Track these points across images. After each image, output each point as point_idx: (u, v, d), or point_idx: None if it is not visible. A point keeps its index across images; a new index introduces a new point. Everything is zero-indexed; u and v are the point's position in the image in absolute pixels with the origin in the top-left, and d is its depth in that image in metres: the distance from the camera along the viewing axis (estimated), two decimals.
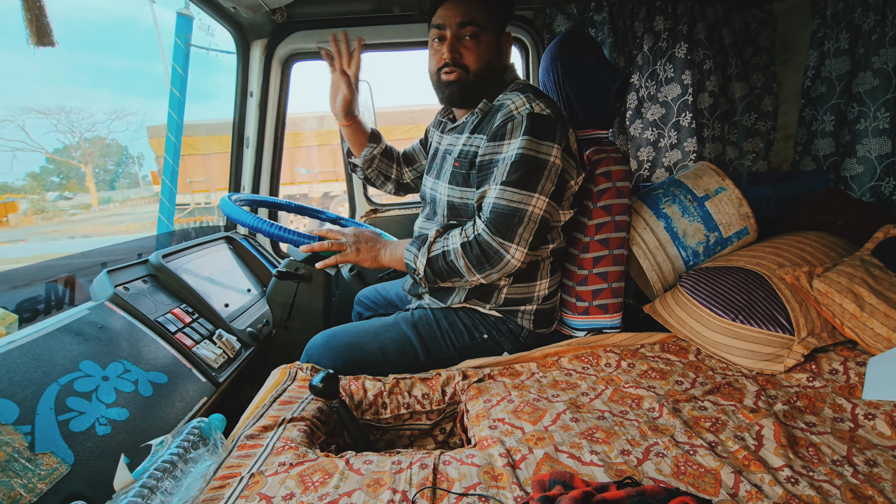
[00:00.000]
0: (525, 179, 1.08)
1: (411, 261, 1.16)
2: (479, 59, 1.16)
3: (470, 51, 1.16)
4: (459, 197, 1.21)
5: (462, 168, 1.19)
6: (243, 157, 1.99)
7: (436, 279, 1.16)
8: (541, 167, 1.09)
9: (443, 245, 1.13)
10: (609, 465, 0.80)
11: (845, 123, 1.72)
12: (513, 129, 1.10)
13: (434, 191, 1.30)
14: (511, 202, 1.08)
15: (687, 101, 1.92)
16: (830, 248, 1.31)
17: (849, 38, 1.67)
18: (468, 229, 1.12)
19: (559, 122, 1.12)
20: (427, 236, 1.16)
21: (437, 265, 1.13)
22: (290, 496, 0.74)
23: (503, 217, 1.08)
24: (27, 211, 12.79)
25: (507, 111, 1.12)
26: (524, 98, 1.12)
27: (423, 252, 1.14)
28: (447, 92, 1.21)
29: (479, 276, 1.12)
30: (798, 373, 1.07)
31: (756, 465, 0.77)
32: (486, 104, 1.20)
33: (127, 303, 1.16)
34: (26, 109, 14.34)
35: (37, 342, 0.92)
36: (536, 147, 1.08)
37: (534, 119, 1.09)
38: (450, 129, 1.30)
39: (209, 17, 1.69)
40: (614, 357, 1.20)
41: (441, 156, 1.31)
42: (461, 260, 1.10)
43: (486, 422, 0.95)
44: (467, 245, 1.10)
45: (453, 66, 1.17)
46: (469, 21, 1.14)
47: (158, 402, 1.01)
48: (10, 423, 0.76)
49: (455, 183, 1.21)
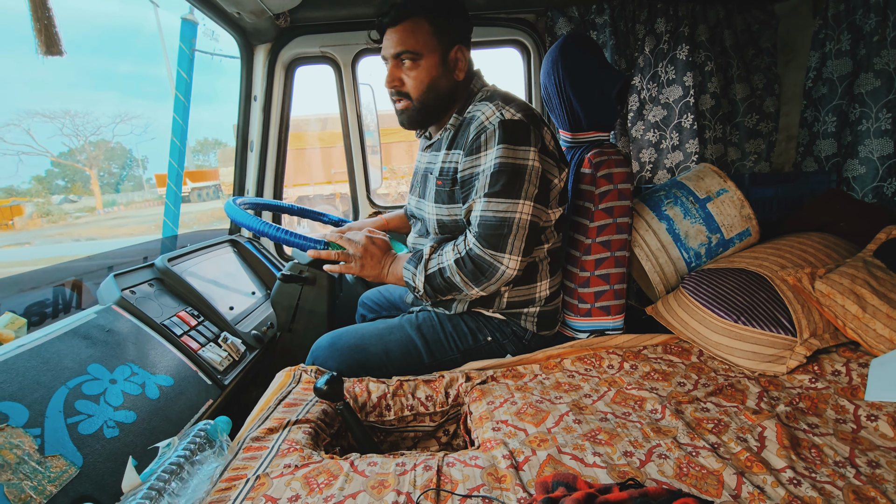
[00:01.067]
0: (507, 188, 1.08)
1: (410, 279, 1.17)
2: (420, 85, 1.16)
3: (409, 78, 1.16)
4: (447, 214, 1.21)
5: (445, 186, 1.19)
6: (247, 160, 2.00)
7: (436, 295, 1.17)
8: (521, 173, 1.09)
9: (438, 262, 1.14)
10: (612, 467, 0.80)
11: (847, 124, 1.72)
12: (487, 140, 1.10)
13: (420, 210, 1.31)
14: (497, 213, 1.08)
15: (688, 102, 1.92)
16: (833, 250, 1.31)
17: (850, 39, 1.67)
18: (460, 245, 1.13)
19: (532, 123, 1.11)
20: (423, 253, 1.17)
21: (435, 282, 1.14)
22: (295, 498, 0.75)
23: (492, 228, 1.08)
24: (33, 214, 12.89)
25: (479, 123, 1.12)
26: (493, 107, 1.12)
27: (420, 270, 1.15)
28: (399, 119, 1.24)
29: (477, 289, 1.13)
30: (800, 374, 1.07)
31: (759, 466, 0.77)
32: (457, 118, 1.20)
33: (133, 306, 1.18)
34: (32, 113, 14.47)
35: (45, 346, 0.94)
36: (513, 154, 1.08)
37: (506, 126, 1.08)
38: (427, 147, 1.31)
39: (213, 23, 1.71)
40: (617, 359, 1.20)
41: (423, 174, 1.31)
42: (457, 276, 1.11)
43: (489, 423, 0.96)
44: (461, 261, 1.11)
45: (397, 96, 1.19)
46: (402, 51, 1.13)
47: (165, 405, 1.02)
48: (21, 426, 0.77)
49: (441, 201, 1.21)
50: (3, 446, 0.72)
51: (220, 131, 21.10)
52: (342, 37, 1.95)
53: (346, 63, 2.00)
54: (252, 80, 1.94)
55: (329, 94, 2.09)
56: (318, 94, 2.69)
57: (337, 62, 2.00)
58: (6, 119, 14.10)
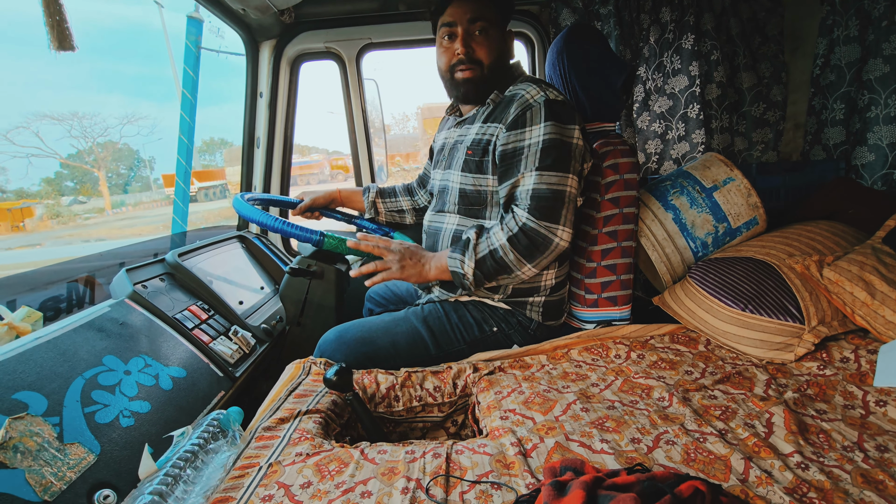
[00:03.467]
0: (559, 162, 1.12)
1: (458, 267, 1.16)
2: (491, 54, 1.20)
3: (482, 46, 1.20)
4: (472, 184, 1.23)
5: (475, 155, 1.22)
6: (254, 157, 2.02)
7: (484, 280, 1.17)
8: (568, 148, 1.14)
9: (487, 244, 1.14)
10: (620, 453, 0.81)
11: (856, 111, 1.70)
12: (532, 116, 1.13)
13: (445, 180, 1.33)
14: (551, 185, 1.11)
15: (694, 92, 1.90)
16: (841, 237, 1.30)
17: (858, 24, 1.65)
18: (509, 223, 1.14)
19: (573, 107, 1.18)
20: (468, 239, 1.17)
21: (486, 265, 1.14)
22: (307, 484, 0.76)
23: (546, 201, 1.11)
24: (43, 216, 13.05)
25: (523, 100, 1.15)
26: (537, 87, 1.17)
27: (470, 255, 1.14)
28: (463, 90, 1.24)
29: (529, 265, 1.14)
30: (808, 361, 1.07)
31: (766, 451, 0.78)
32: (498, 95, 1.24)
33: (145, 300, 1.19)
34: (40, 116, 14.62)
35: (62, 338, 0.96)
36: (562, 130, 1.13)
37: (552, 105, 1.13)
38: (459, 122, 1.33)
39: (219, 20, 1.72)
40: (624, 348, 1.21)
41: (451, 148, 1.33)
42: (511, 254, 1.12)
43: (497, 413, 0.97)
44: (514, 238, 1.12)
45: (468, 63, 1.20)
46: (479, 17, 1.18)
47: (178, 396, 1.04)
48: (40, 415, 0.79)
49: (468, 170, 1.23)
50: (24, 434, 0.74)
51: (225, 131, 21.37)
52: (346, 32, 1.95)
53: (350, 58, 2.01)
54: (258, 76, 1.95)
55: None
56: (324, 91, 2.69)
57: (342, 57, 2.01)
58: (15, 122, 14.26)
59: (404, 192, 1.66)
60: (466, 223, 1.26)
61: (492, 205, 1.23)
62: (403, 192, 1.66)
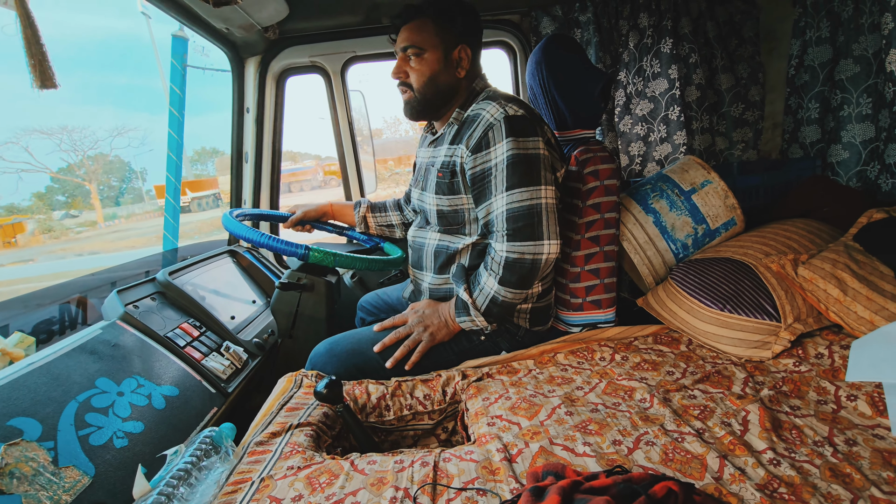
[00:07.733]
0: (527, 177, 1.14)
1: (472, 325, 1.23)
2: (421, 77, 1.24)
3: (412, 70, 1.25)
4: (448, 205, 1.26)
5: (445, 178, 1.25)
6: (243, 172, 2.04)
7: (504, 316, 1.27)
8: (534, 161, 1.15)
9: (484, 296, 1.19)
10: (601, 456, 0.83)
11: (830, 110, 1.75)
12: (494, 136, 1.15)
13: (422, 202, 1.36)
14: (523, 202, 1.13)
15: (674, 95, 1.94)
16: (816, 235, 1.34)
17: (829, 26, 1.70)
18: (492, 264, 1.18)
19: (533, 119, 1.19)
20: (464, 301, 1.21)
21: (493, 313, 1.21)
22: (298, 498, 0.78)
23: (522, 220, 1.13)
24: (34, 231, 12.96)
25: (484, 121, 1.17)
26: (496, 105, 1.18)
27: (475, 314, 1.20)
28: (404, 110, 1.32)
29: (529, 289, 1.21)
30: (785, 358, 1.10)
31: (741, 449, 0.81)
32: (460, 113, 1.26)
33: (137, 320, 1.21)
34: (29, 130, 14.53)
35: (55, 362, 0.97)
36: (523, 144, 1.14)
37: (511, 121, 1.15)
38: (431, 143, 1.37)
39: (203, 39, 1.74)
40: (608, 351, 1.24)
41: (425, 168, 1.37)
42: (509, 294, 1.17)
43: (484, 419, 0.99)
44: (503, 279, 1.16)
45: (402, 87, 1.28)
46: (409, 45, 1.23)
47: (171, 414, 1.06)
48: (35, 440, 0.81)
49: (441, 192, 1.26)
50: (20, 459, 0.76)
51: (216, 140, 21.34)
52: (331, 46, 1.98)
53: (335, 71, 2.03)
54: (244, 92, 1.97)
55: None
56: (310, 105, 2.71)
57: (327, 71, 2.04)
58: (5, 138, 14.18)
59: (394, 207, 1.69)
60: (447, 239, 1.30)
61: (470, 222, 1.26)
62: (394, 206, 1.69)
